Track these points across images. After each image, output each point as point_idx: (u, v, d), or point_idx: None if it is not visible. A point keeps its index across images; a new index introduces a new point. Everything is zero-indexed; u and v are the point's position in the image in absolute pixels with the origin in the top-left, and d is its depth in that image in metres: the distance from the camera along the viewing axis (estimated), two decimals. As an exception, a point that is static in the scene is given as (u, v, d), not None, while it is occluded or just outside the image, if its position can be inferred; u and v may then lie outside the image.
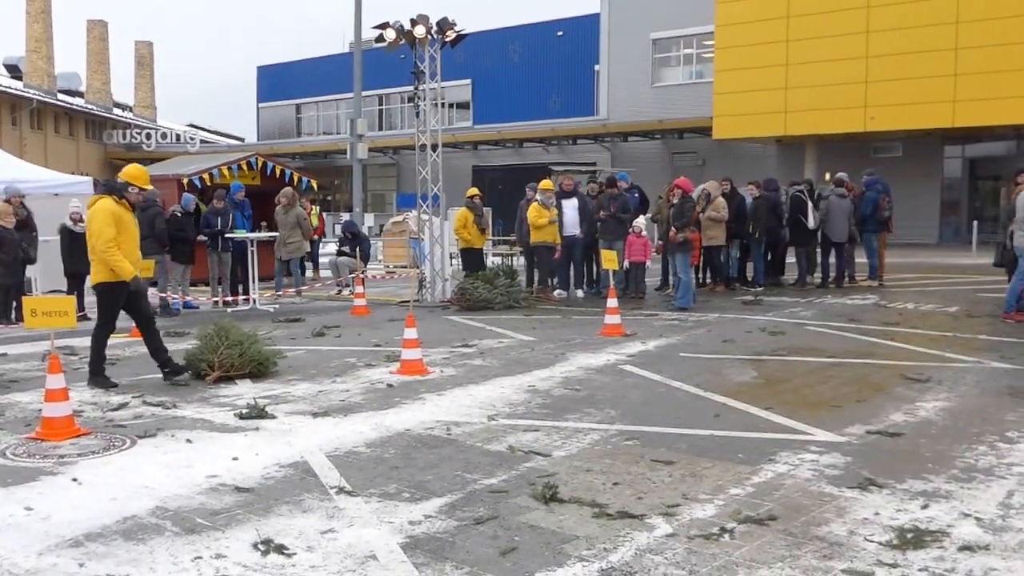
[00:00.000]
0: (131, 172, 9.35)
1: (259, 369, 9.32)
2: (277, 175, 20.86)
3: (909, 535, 4.86)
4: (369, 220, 37.12)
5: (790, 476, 5.92)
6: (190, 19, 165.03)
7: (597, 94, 43.64)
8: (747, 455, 6.38)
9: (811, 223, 17.20)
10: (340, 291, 18.00)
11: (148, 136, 55.27)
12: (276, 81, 60.61)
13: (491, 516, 5.21)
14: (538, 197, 16.02)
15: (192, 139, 55.81)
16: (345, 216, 35.48)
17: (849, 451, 6.50)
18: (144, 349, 9.38)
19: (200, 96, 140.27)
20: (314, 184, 24.06)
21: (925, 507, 5.31)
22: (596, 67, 43.69)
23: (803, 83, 31.50)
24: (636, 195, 17.68)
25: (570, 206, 16.27)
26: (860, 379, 9.12)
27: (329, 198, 56.49)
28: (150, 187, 9.89)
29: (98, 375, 9.05)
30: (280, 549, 4.74)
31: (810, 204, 17.24)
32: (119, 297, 9.01)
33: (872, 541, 4.80)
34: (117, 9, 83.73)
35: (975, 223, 28.84)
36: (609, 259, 13.51)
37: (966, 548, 4.70)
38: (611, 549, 4.71)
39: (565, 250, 16.36)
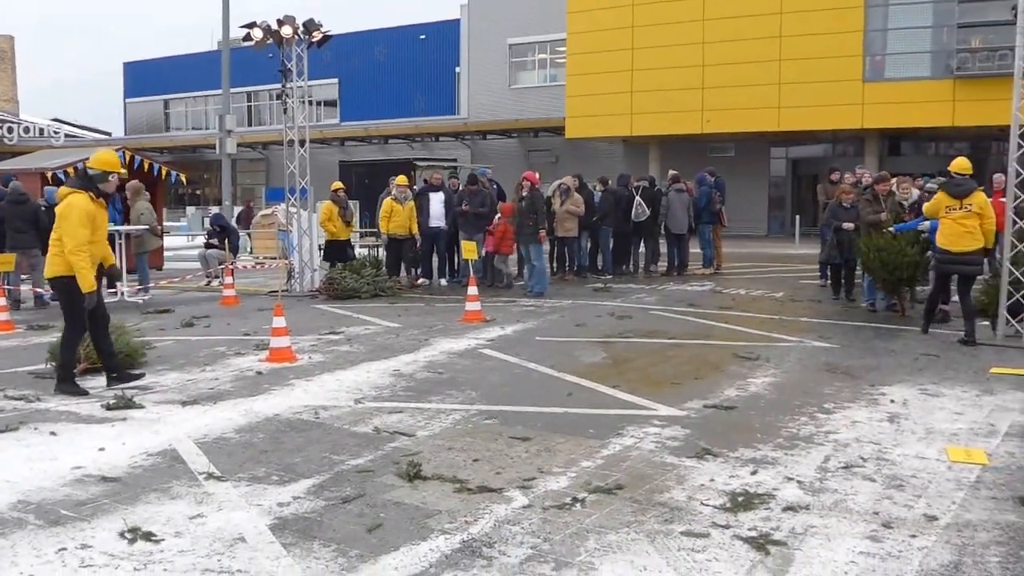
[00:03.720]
0: (107, 159, 7.93)
1: (127, 361, 8.89)
2: (146, 169, 19.97)
3: (740, 498, 5.04)
4: (238, 213, 36.00)
5: (636, 448, 6.05)
6: (52, 13, 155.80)
7: (458, 94, 43.63)
8: (597, 430, 6.49)
9: (632, 215, 17.55)
10: (209, 282, 17.41)
11: (10, 130, 51.79)
12: (143, 77, 58.15)
13: (358, 495, 5.14)
14: (393, 192, 15.90)
15: (56, 133, 52.82)
16: (214, 209, 34.32)
17: (688, 424, 6.69)
18: (7, 343, 8.82)
19: (64, 91, 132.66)
20: (183, 178, 23.21)
21: (754, 473, 5.52)
22: (457, 69, 43.66)
23: (647, 88, 32.28)
24: (496, 188, 17.76)
25: (436, 199, 16.20)
26: (698, 358, 9.41)
27: (198, 192, 54.70)
28: (123, 171, 8.37)
29: (66, 381, 7.84)
30: (148, 536, 4.55)
31: (636, 199, 17.57)
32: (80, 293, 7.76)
33: (708, 505, 4.96)
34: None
35: (797, 217, 30.15)
36: (469, 250, 13.52)
37: (789, 508, 4.91)
38: (472, 521, 4.72)
39: (429, 240, 16.29)
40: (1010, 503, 5.01)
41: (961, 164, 10.41)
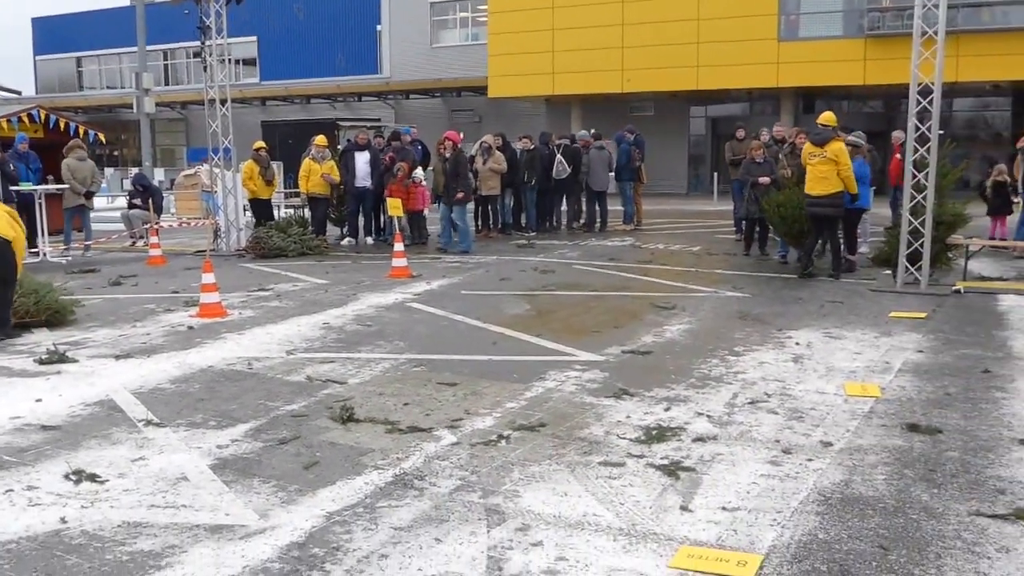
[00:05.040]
0: None
1: (56, 317, 8.93)
2: (62, 128, 19.58)
3: (654, 432, 5.42)
4: (159, 175, 35.33)
5: (557, 390, 6.39)
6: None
7: (380, 53, 43.22)
8: (521, 375, 6.81)
9: (554, 173, 17.84)
10: (134, 243, 17.23)
11: (-84, 88, 49.88)
12: (54, 33, 56.11)
13: (294, 437, 5.38)
14: (312, 152, 15.93)
15: (-36, 91, 50.93)
16: (133, 170, 33.67)
17: (607, 368, 7.06)
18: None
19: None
20: (101, 138, 22.74)
21: (668, 409, 5.91)
22: (378, 27, 43.19)
23: (568, 47, 32.45)
24: (419, 148, 17.86)
25: (362, 159, 16.18)
26: (617, 308, 9.79)
27: (116, 153, 53.29)
28: None
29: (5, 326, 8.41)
30: (92, 477, 4.74)
31: (558, 156, 17.85)
32: None
33: (624, 438, 5.32)
34: None
35: (716, 175, 30.80)
36: (394, 206, 13.67)
37: (699, 439, 5.30)
38: (403, 458, 5.00)
39: (355, 200, 16.36)
40: (898, 430, 5.48)
41: (825, 117, 11.50)
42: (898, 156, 16.27)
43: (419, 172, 16.37)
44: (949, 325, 8.73)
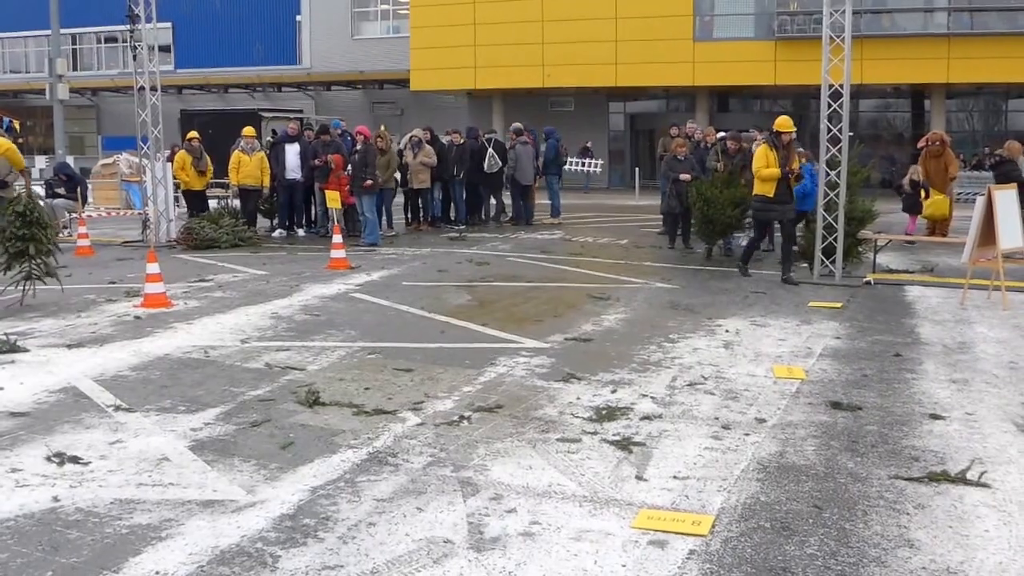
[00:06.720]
0: None
1: None
2: (-23, 115, 19.11)
3: (604, 411, 5.83)
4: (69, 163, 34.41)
5: (509, 375, 6.76)
6: None
7: (299, 44, 42.85)
8: (472, 361, 7.16)
9: (485, 167, 18.22)
10: (58, 233, 16.92)
11: None
12: (-47, 15, 53.96)
13: (265, 419, 5.63)
14: (241, 144, 15.95)
15: None
16: (41, 160, 32.85)
17: (552, 354, 7.46)
18: None
19: None
20: (16, 125, 22.26)
21: (614, 391, 6.33)
22: (298, 17, 42.82)
23: (490, 42, 32.78)
24: (350, 140, 17.97)
25: (292, 151, 16.24)
26: (555, 299, 10.21)
27: (20, 140, 51.54)
28: None
29: None
30: (74, 459, 4.93)
31: (489, 150, 18.21)
32: None
33: (577, 417, 5.72)
34: None
35: (637, 170, 31.56)
36: (332, 199, 13.83)
37: (645, 418, 5.74)
38: (374, 438, 5.31)
39: (285, 192, 16.41)
40: (822, 407, 6.01)
41: (778, 122, 11.46)
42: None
43: None
44: (862, 314, 9.37)
